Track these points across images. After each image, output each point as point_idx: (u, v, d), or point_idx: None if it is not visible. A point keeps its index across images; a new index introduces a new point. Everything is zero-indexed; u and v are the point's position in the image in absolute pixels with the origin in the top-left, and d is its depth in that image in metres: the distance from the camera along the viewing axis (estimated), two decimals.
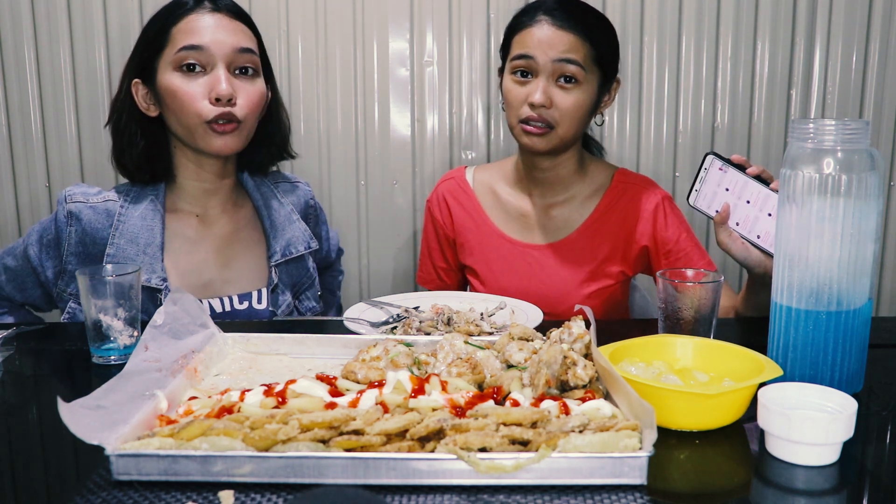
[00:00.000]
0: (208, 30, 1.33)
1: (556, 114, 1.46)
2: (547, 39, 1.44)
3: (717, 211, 1.27)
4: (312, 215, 1.60)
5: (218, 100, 1.33)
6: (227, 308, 1.43)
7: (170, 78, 1.34)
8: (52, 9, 2.04)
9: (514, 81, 1.49)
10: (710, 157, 1.28)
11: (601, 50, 1.48)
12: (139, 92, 1.39)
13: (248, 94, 1.37)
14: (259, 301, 1.45)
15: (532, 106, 1.45)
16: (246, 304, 1.44)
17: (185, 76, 1.33)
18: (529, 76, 1.47)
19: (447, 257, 1.72)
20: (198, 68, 1.34)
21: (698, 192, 1.29)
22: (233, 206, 1.50)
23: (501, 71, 1.56)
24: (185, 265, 1.42)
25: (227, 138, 1.36)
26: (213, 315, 1.41)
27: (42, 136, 2.11)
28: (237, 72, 1.37)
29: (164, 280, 1.37)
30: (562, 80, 1.45)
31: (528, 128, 1.47)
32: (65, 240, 1.36)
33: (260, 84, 1.41)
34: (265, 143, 1.50)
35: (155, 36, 1.36)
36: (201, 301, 1.41)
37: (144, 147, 1.41)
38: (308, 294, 1.53)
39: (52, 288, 1.41)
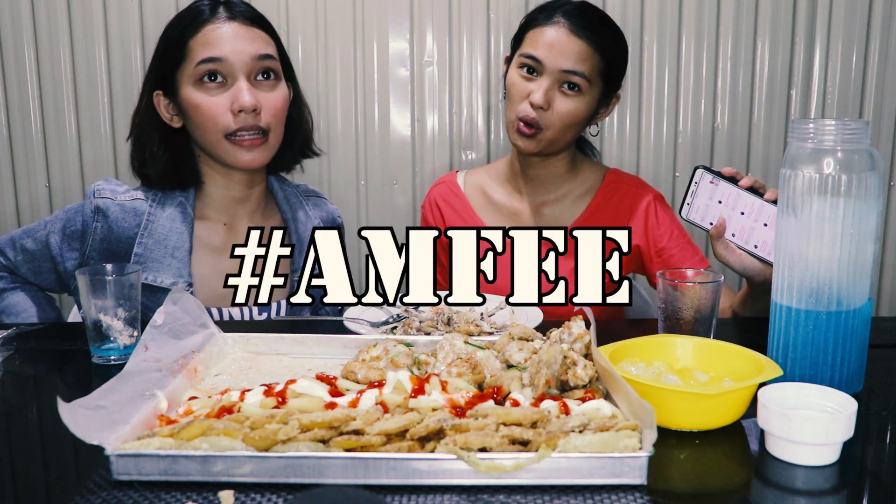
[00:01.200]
0: (226, 40, 1.31)
1: (551, 117, 1.48)
2: (559, 45, 1.45)
3: (711, 223, 1.27)
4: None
5: (241, 111, 1.31)
6: (247, 317, 1.42)
7: (192, 92, 1.32)
8: (52, 9, 2.04)
9: (519, 76, 1.50)
10: (699, 171, 1.28)
11: (610, 64, 1.50)
12: (161, 103, 1.38)
13: (271, 102, 1.35)
14: (278, 312, 1.45)
15: (531, 105, 1.47)
16: (265, 316, 1.44)
17: (206, 90, 1.32)
18: (535, 74, 1.48)
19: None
20: (219, 79, 1.32)
21: (690, 205, 1.29)
22: (261, 216, 1.49)
23: (509, 60, 1.56)
24: (209, 272, 1.41)
25: (255, 153, 1.35)
26: (232, 323, 1.41)
27: (42, 136, 2.11)
28: (258, 78, 1.35)
29: (191, 286, 1.36)
30: (565, 86, 1.47)
31: (522, 128, 1.49)
32: (90, 234, 1.36)
33: (282, 89, 1.39)
34: (289, 143, 1.47)
35: (173, 48, 1.33)
36: (221, 310, 1.40)
37: (169, 158, 1.39)
38: (326, 310, 1.53)
39: (70, 280, 1.40)
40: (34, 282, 1.44)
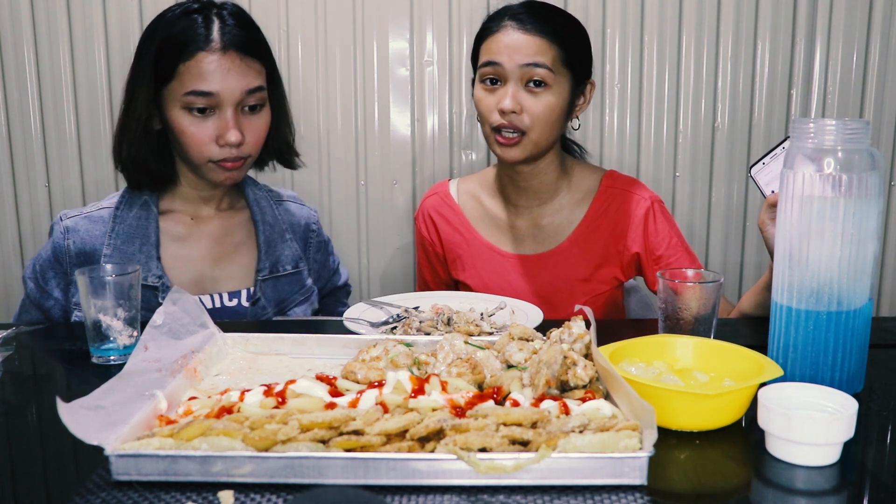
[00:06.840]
0: (218, 74, 1.30)
1: (527, 119, 1.43)
2: (513, 44, 1.42)
3: (773, 191, 1.26)
4: (314, 241, 1.60)
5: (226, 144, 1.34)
6: (217, 304, 1.45)
7: (177, 116, 1.33)
8: (52, 9, 2.04)
9: (483, 90, 1.47)
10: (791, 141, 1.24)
11: (571, 52, 1.45)
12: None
13: (255, 130, 1.37)
14: (248, 298, 1.46)
15: (502, 113, 1.43)
16: (235, 302, 1.46)
17: (192, 117, 1.33)
18: (498, 83, 1.45)
19: (437, 272, 1.70)
20: (206, 111, 1.33)
21: (765, 165, 1.27)
22: (228, 209, 1.52)
23: (474, 81, 1.53)
24: (177, 262, 1.44)
25: (235, 172, 1.39)
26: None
27: (42, 137, 2.11)
28: (244, 109, 1.36)
29: (160, 278, 1.39)
30: (531, 84, 1.43)
31: (501, 138, 1.45)
32: (64, 253, 1.39)
33: (266, 114, 1.40)
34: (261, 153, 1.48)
35: (162, 65, 1.32)
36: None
37: (150, 155, 1.40)
38: (296, 310, 1.53)
39: (66, 304, 1.43)
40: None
